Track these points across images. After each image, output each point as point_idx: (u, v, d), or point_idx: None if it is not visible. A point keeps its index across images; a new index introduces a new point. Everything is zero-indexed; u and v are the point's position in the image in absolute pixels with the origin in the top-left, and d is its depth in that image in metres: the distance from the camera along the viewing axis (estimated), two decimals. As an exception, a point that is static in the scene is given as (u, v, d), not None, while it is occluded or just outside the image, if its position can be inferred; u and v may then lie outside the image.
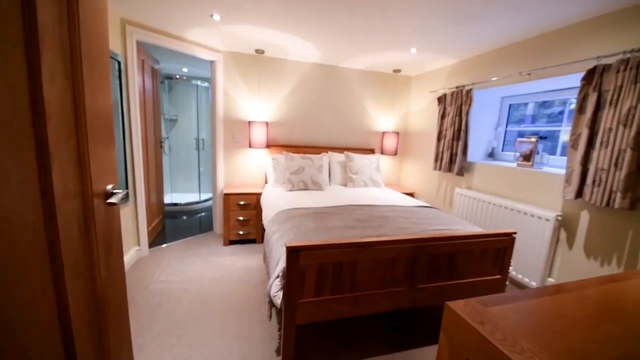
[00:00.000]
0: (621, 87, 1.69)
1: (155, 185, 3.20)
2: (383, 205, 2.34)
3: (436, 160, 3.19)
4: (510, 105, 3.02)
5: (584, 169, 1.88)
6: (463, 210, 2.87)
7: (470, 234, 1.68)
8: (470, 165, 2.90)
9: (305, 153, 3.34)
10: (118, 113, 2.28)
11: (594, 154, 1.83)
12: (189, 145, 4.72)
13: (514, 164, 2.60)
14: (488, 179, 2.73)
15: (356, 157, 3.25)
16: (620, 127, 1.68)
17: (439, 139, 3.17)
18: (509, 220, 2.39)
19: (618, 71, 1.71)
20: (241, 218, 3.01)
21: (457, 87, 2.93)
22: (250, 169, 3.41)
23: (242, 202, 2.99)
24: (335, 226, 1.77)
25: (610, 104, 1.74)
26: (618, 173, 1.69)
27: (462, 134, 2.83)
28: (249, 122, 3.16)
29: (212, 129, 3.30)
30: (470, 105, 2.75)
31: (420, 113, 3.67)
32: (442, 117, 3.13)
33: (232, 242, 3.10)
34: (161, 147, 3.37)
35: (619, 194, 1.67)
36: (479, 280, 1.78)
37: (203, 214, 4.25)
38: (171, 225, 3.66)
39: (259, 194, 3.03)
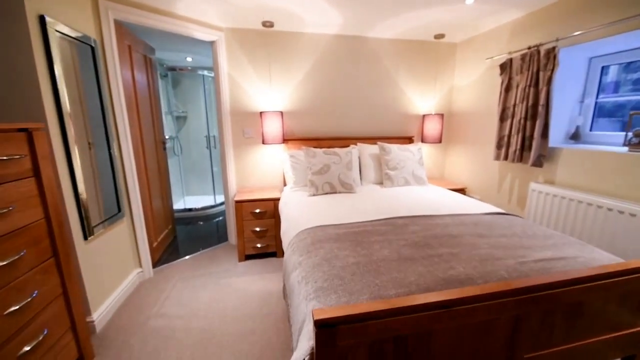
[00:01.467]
0: None
1: (160, 192, 2.79)
2: (443, 216, 1.71)
3: (499, 147, 2.48)
4: (602, 68, 2.23)
5: None
6: (542, 214, 2.17)
7: (613, 269, 1.03)
8: (552, 151, 2.17)
9: (329, 147, 2.76)
10: (97, 110, 1.83)
11: None
12: (200, 143, 4.31)
13: (623, 149, 1.85)
14: (580, 170, 2.00)
15: (393, 148, 2.62)
16: None
17: (502, 119, 2.44)
18: (623, 231, 1.68)
19: None
20: (257, 229, 2.53)
21: (529, 48, 2.18)
22: (266, 169, 2.90)
23: (257, 210, 2.49)
24: (385, 258, 1.19)
25: None
26: None
27: (540, 109, 2.10)
28: (261, 113, 2.63)
29: (218, 124, 2.81)
30: (553, 70, 2.00)
31: (469, 88, 2.92)
32: (507, 89, 2.39)
33: (248, 257, 2.63)
34: (164, 148, 2.94)
35: None
36: (613, 337, 1.14)
37: (220, 218, 3.85)
38: (185, 234, 3.28)
39: (277, 200, 2.51)
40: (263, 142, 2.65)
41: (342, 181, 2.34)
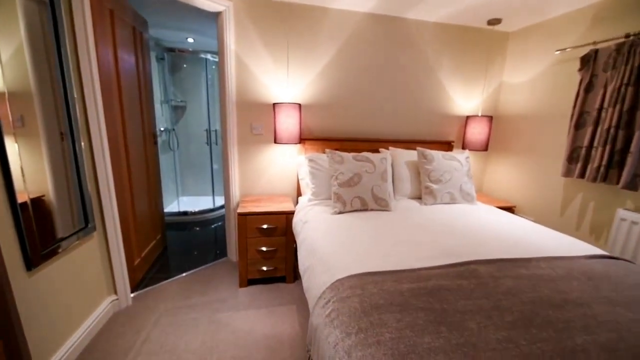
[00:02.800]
0: None
1: (148, 195, 2.29)
2: (535, 260, 1.21)
3: (572, 160, 1.99)
4: None
5: None
6: (634, 251, 1.68)
7: None
8: (653, 171, 1.67)
9: (354, 150, 2.27)
10: (58, 91, 1.33)
11: None
12: (200, 138, 3.80)
13: None
14: (697, 197, 1.51)
15: (437, 155, 2.12)
16: None
17: (578, 126, 1.95)
18: None
19: None
20: (264, 249, 2.03)
21: (627, 37, 1.68)
22: (276, 174, 2.40)
23: (264, 226, 2.00)
24: (493, 350, 0.70)
25: None
26: None
27: (643, 117, 1.60)
28: (274, 106, 2.13)
29: (220, 116, 2.31)
30: (670, 63, 1.51)
31: (526, 86, 2.42)
32: (587, 89, 1.89)
33: (251, 282, 2.14)
34: (155, 142, 2.44)
35: None
36: None
37: (219, 224, 3.36)
38: (178, 243, 2.79)
39: (291, 214, 2.02)
40: (275, 141, 2.15)
41: (376, 196, 1.84)
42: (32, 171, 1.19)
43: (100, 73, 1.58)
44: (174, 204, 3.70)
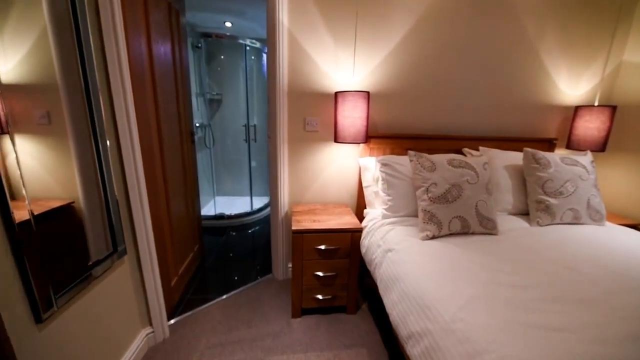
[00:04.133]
0: None
1: (186, 200, 1.98)
2: None
3: None
4: None
5: None
6: None
7: None
8: None
9: (430, 151, 1.80)
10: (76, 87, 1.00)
11: None
12: (237, 134, 3.49)
13: None
14: None
15: (554, 159, 1.59)
16: None
17: None
18: None
19: None
20: (321, 274, 1.64)
21: None
22: (332, 179, 1.99)
23: (323, 247, 1.60)
24: None
25: None
26: None
27: None
28: (336, 95, 1.70)
29: (268, 108, 1.93)
30: None
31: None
32: None
33: (304, 311, 1.77)
34: (192, 141, 2.12)
35: None
36: None
37: (256, 228, 3.04)
38: (214, 252, 2.49)
39: (357, 231, 1.60)
40: (336, 140, 1.73)
41: (482, 215, 1.37)
42: (60, 175, 0.87)
43: (131, 61, 1.24)
44: (209, 205, 3.44)
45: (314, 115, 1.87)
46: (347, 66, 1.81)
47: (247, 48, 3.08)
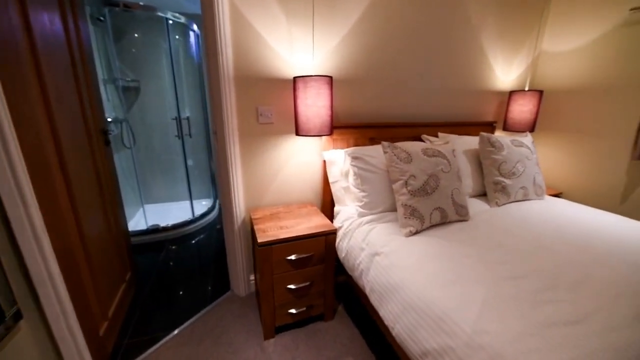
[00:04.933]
0: None
1: (105, 216, 1.53)
2: None
3: (653, 141, 1.70)
4: None
5: None
6: None
7: None
8: None
9: (393, 139, 1.75)
10: None
11: None
12: (166, 130, 2.93)
13: None
14: None
15: (506, 142, 1.69)
16: None
17: (665, 100, 1.64)
18: None
19: None
20: (294, 286, 1.45)
21: None
22: (293, 176, 1.78)
23: (292, 257, 1.40)
24: None
25: None
26: None
27: None
28: (295, 80, 1.46)
29: (210, 98, 1.59)
30: None
31: (574, 55, 2.07)
32: (681, 54, 1.57)
33: (278, 329, 1.56)
34: (106, 141, 1.64)
35: None
36: None
37: (202, 236, 2.65)
38: (152, 275, 2.04)
39: (331, 234, 1.44)
40: (298, 133, 1.52)
41: (457, 203, 1.35)
42: None
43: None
44: (137, 217, 2.86)
45: (268, 104, 1.61)
46: (303, 46, 1.58)
47: (170, 22, 2.54)
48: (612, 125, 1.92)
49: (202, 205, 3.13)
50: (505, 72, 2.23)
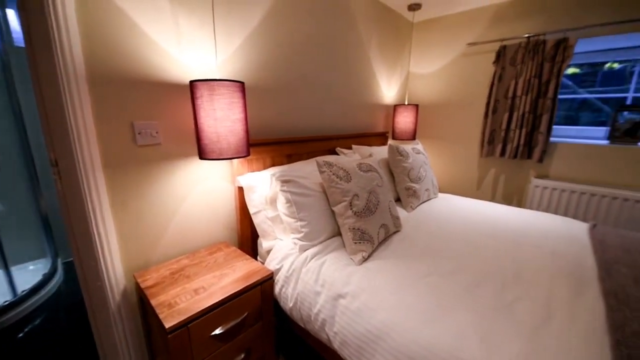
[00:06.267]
0: None
1: None
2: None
3: (490, 141, 2.26)
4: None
5: None
6: (545, 207, 2.12)
7: None
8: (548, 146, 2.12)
9: (310, 155, 1.62)
10: None
11: None
12: None
13: (603, 142, 2.01)
14: (574, 163, 2.04)
15: (409, 150, 1.84)
16: None
17: (493, 112, 2.21)
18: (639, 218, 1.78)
19: None
20: (229, 363, 1.05)
21: (529, 37, 1.98)
22: (200, 212, 1.34)
23: (219, 331, 1.01)
24: None
25: None
26: None
27: (548, 102, 1.97)
28: (195, 85, 1.07)
29: (39, 109, 0.97)
30: (564, 62, 1.88)
31: (433, 77, 2.57)
32: (500, 79, 2.16)
33: None
34: None
35: None
36: None
37: (39, 322, 1.69)
38: None
39: (267, 280, 1.13)
40: (202, 156, 1.13)
41: (394, 215, 1.33)
42: None
43: None
44: None
45: (151, 117, 1.13)
46: (199, 43, 1.20)
47: None
48: (466, 133, 2.47)
49: (29, 273, 2.02)
50: (387, 87, 2.51)
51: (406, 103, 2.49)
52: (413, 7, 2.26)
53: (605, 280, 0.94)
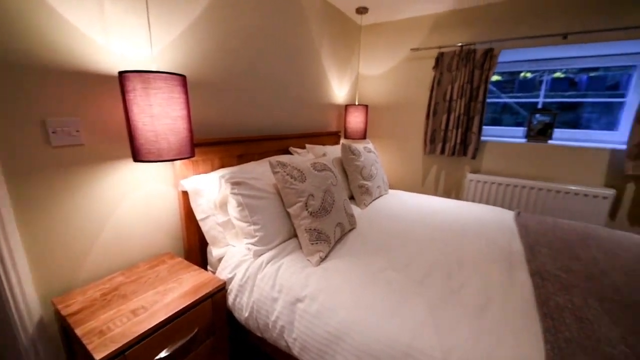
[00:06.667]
0: None
1: None
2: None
3: (432, 140, 2.45)
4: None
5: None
6: (479, 199, 2.37)
7: None
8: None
9: (262, 154, 1.57)
10: None
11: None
12: None
13: (522, 140, 2.32)
14: (500, 159, 2.33)
15: (361, 149, 1.88)
16: None
17: (434, 113, 2.40)
18: (552, 205, 2.10)
19: None
20: (179, 387, 0.95)
21: (462, 46, 2.19)
22: (138, 221, 1.18)
23: (165, 354, 0.91)
24: None
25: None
26: None
27: (478, 106, 2.20)
28: (123, 76, 0.94)
29: None
30: (490, 69, 2.13)
31: (381, 79, 2.70)
32: (439, 84, 2.35)
33: None
34: None
35: None
36: None
37: None
38: None
39: (219, 291, 1.05)
40: (137, 157, 0.99)
41: (349, 214, 1.34)
42: None
43: None
44: None
45: (69, 114, 0.96)
46: (130, 30, 1.06)
47: None
48: (411, 132, 2.63)
49: None
50: (339, 87, 2.55)
51: (357, 103, 2.56)
52: (361, 11, 2.33)
53: (531, 261, 1.07)
